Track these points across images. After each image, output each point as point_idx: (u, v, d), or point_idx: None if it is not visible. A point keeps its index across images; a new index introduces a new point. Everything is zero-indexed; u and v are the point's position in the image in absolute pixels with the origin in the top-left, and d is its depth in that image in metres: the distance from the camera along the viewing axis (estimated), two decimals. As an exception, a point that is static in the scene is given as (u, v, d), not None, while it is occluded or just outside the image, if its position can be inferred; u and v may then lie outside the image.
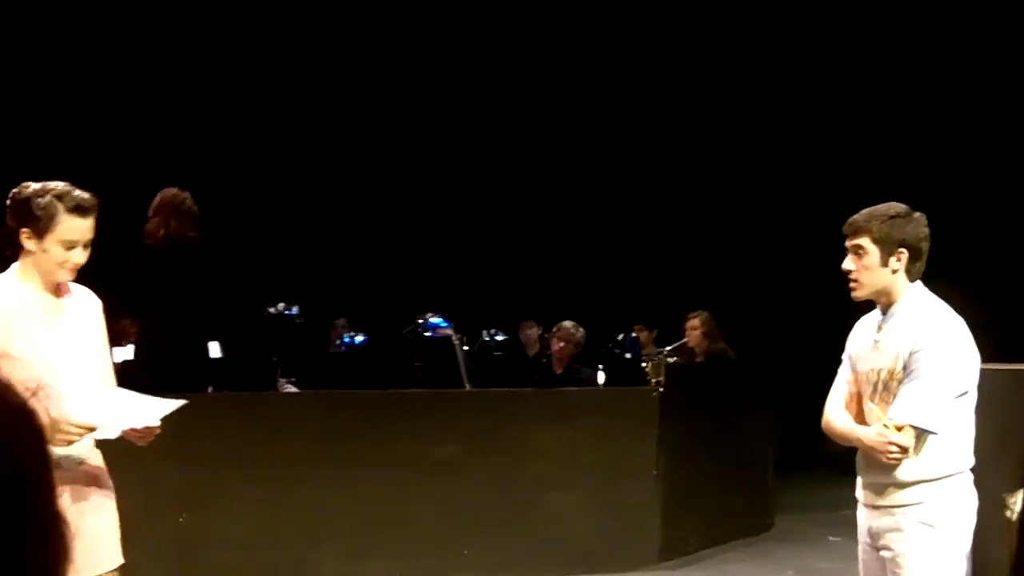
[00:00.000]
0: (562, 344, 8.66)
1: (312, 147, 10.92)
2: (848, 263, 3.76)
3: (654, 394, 7.44)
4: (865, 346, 3.85)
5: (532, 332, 10.45)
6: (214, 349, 7.41)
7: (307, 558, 6.49)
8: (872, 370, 3.77)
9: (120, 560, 3.70)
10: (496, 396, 7.65)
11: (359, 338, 9.87)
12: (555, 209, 11.78)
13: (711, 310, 9.01)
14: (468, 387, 8.27)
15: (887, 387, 3.72)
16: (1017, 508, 3.26)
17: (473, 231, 11.66)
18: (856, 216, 3.79)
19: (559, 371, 8.63)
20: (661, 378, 7.56)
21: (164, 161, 9.17)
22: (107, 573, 3.64)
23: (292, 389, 7.67)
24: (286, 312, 8.33)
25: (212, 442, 6.35)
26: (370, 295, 10.99)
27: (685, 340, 8.94)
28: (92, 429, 3.41)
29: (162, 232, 6.68)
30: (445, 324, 9.40)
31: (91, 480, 3.60)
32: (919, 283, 3.77)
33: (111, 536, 3.67)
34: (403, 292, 10.88)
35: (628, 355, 10.08)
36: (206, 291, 6.68)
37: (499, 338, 10.79)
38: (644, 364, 9.13)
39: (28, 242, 3.46)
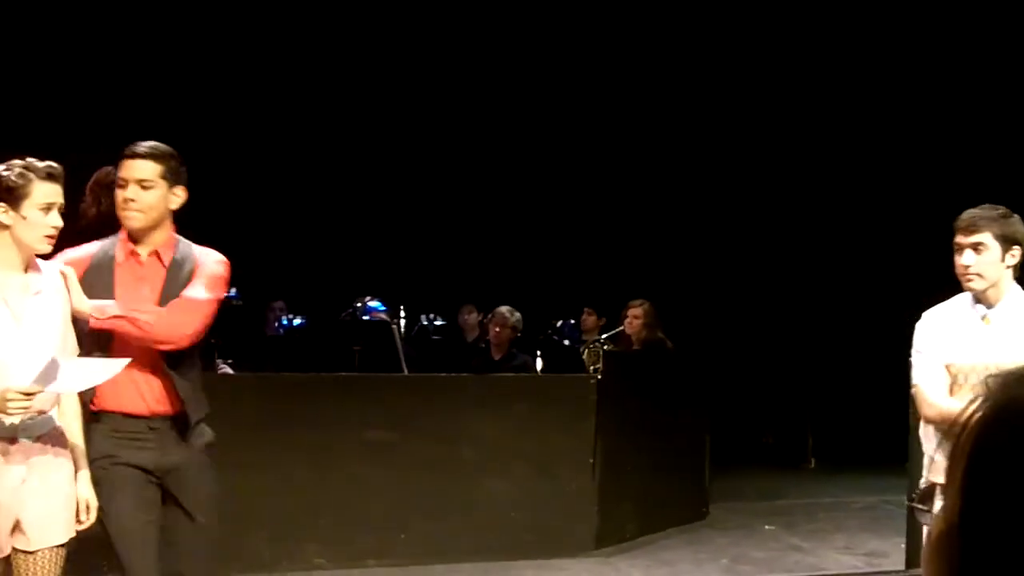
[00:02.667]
0: (498, 329, 8.66)
1: (252, 130, 10.79)
2: (968, 258, 4.03)
3: (592, 381, 7.44)
4: (967, 338, 4.06)
5: (471, 317, 10.42)
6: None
7: (243, 542, 6.41)
8: (980, 362, 3.95)
9: (69, 535, 3.77)
10: (433, 381, 7.61)
11: (297, 320, 9.79)
12: (496, 193, 11.75)
13: (649, 299, 9.04)
14: (406, 371, 8.23)
15: None
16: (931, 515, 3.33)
17: (413, 214, 11.60)
18: (973, 214, 4.05)
19: (497, 357, 8.62)
20: (599, 365, 7.57)
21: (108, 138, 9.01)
22: (53, 547, 3.71)
23: (229, 371, 7.60)
24: (226, 295, 8.22)
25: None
26: (308, 278, 10.90)
27: (622, 328, 8.96)
28: (34, 393, 3.51)
29: (94, 211, 6.58)
30: (382, 308, 9.35)
31: (46, 456, 3.70)
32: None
33: (60, 511, 3.73)
34: (341, 275, 10.80)
35: (567, 342, 10.09)
36: None
37: (438, 323, 10.76)
38: (582, 351, 9.16)
39: (4, 216, 3.60)
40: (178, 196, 4.14)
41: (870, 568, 7.09)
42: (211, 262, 4.18)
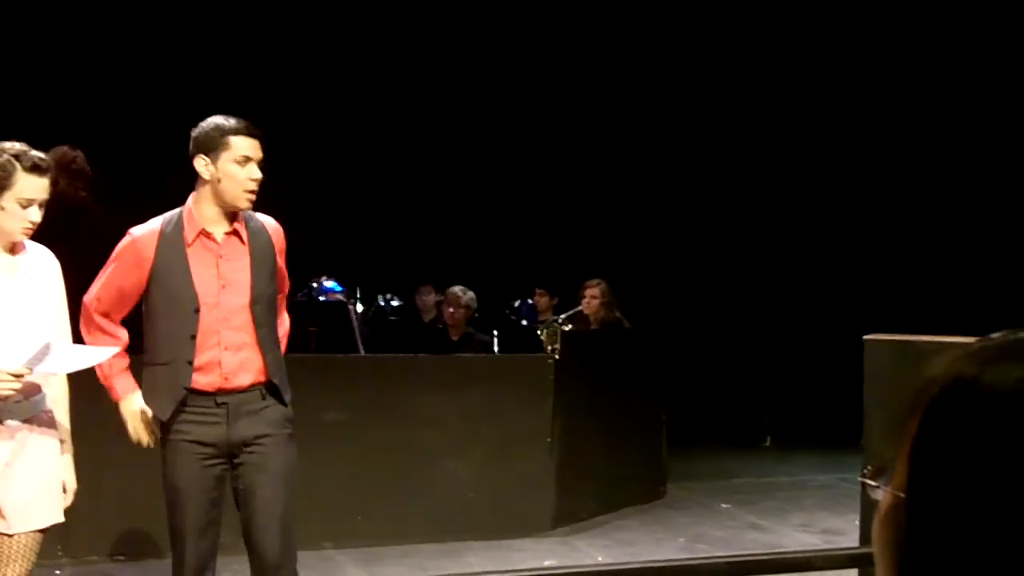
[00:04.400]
0: (451, 309, 8.63)
1: (212, 107, 10.64)
2: None
3: (549, 361, 7.43)
4: None
5: (429, 298, 10.38)
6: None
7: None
8: None
9: (54, 519, 3.73)
10: (390, 362, 7.57)
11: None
12: (454, 172, 11.70)
13: (606, 279, 9.04)
14: (363, 352, 8.19)
15: None
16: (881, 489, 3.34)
17: (370, 194, 11.53)
18: None
19: (455, 337, 8.59)
20: (557, 346, 7.56)
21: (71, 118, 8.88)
22: (32, 532, 3.67)
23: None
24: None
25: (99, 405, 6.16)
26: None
27: (580, 308, 8.95)
28: (22, 375, 3.50)
29: (51, 191, 6.50)
30: (339, 288, 9.29)
31: (31, 440, 3.66)
32: None
33: (42, 497, 3.69)
34: (298, 255, 10.69)
35: (524, 322, 10.08)
36: (99, 251, 6.49)
37: (395, 303, 10.71)
38: (539, 331, 9.15)
39: None
40: None
41: (827, 545, 7.14)
42: (281, 230, 4.28)
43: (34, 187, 3.58)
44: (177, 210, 4.13)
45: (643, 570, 2.96)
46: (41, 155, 3.62)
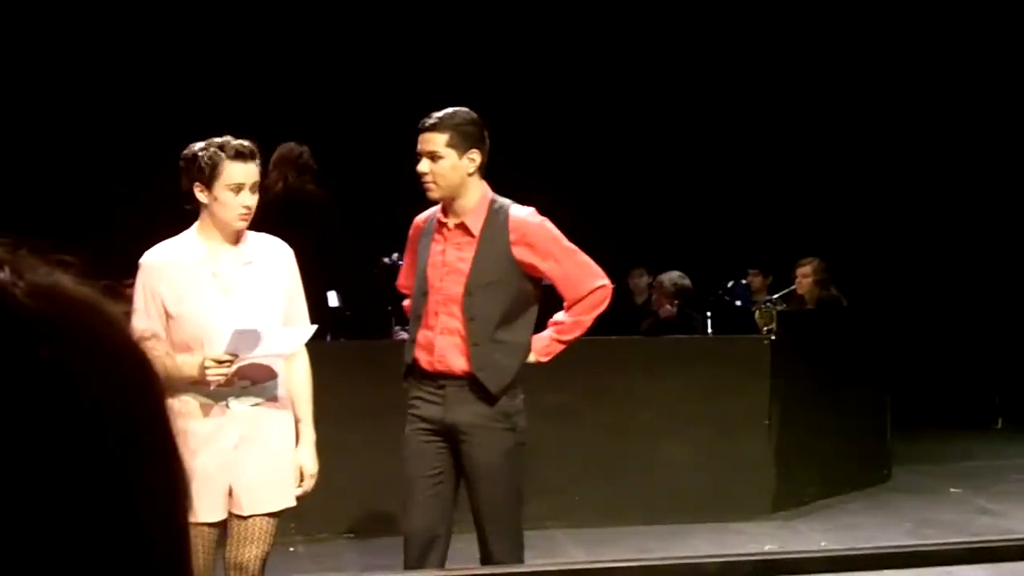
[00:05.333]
0: (656, 297, 8.60)
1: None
2: None
3: (765, 343, 7.33)
4: None
5: (641, 280, 10.36)
6: (332, 299, 7.57)
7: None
8: None
9: (286, 504, 3.84)
10: (605, 344, 7.60)
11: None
12: (666, 155, 11.62)
13: (820, 256, 8.84)
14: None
15: None
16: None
17: (583, 177, 11.53)
18: None
19: (664, 316, 8.52)
20: (773, 326, 7.44)
21: (268, 117, 9.26)
22: (265, 515, 3.78)
23: (407, 338, 7.72)
24: (399, 263, 8.39)
25: (331, 390, 6.40)
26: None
27: (794, 287, 8.79)
28: (229, 361, 3.61)
29: (281, 185, 6.82)
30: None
31: (262, 423, 3.78)
32: None
33: (275, 480, 3.80)
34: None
35: (738, 302, 9.94)
36: (324, 242, 6.78)
37: (608, 286, 10.71)
38: (754, 312, 9.01)
39: (201, 196, 3.71)
40: (474, 160, 4.15)
41: (1064, 531, 6.82)
42: (536, 225, 4.29)
43: (241, 172, 3.70)
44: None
45: (871, 555, 2.90)
46: (244, 142, 3.75)
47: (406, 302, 4.50)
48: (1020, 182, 11.25)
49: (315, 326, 3.88)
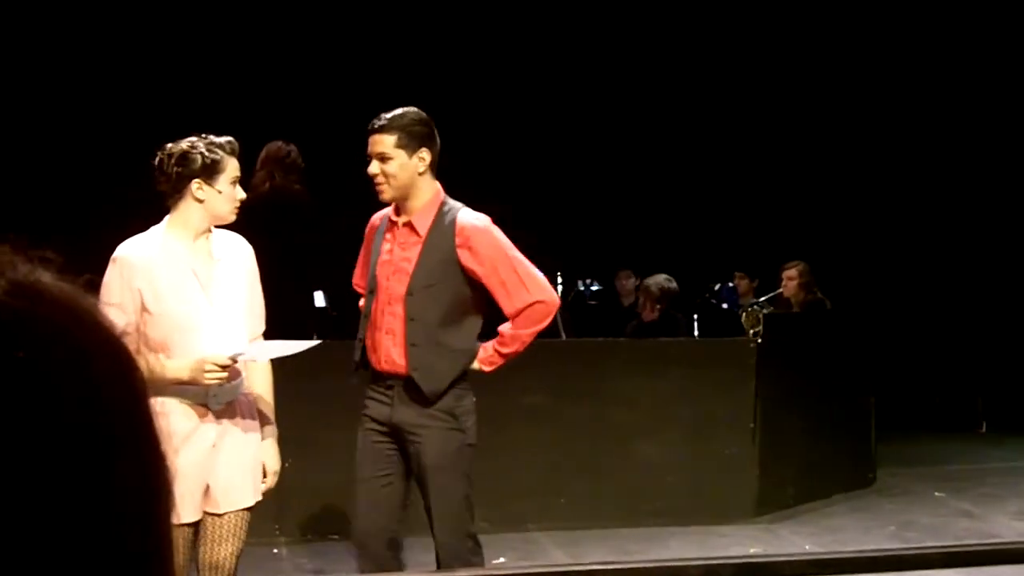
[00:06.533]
0: (643, 300, 8.60)
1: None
2: None
3: (751, 345, 7.33)
4: None
5: (628, 282, 10.38)
6: (318, 298, 7.55)
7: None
8: None
9: (256, 498, 3.90)
10: (590, 345, 7.61)
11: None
12: (653, 157, 11.62)
13: (805, 259, 8.87)
14: (563, 336, 8.25)
15: None
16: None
17: (570, 179, 11.54)
18: None
19: (648, 319, 8.52)
20: (759, 328, 7.45)
21: (274, 114, 9.24)
22: (240, 511, 3.84)
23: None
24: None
25: (315, 390, 6.39)
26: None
27: (780, 291, 8.81)
28: (232, 362, 3.68)
29: (268, 184, 6.79)
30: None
31: (235, 422, 3.83)
32: None
33: (247, 476, 3.87)
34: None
35: (724, 305, 9.97)
36: (312, 241, 6.76)
37: (595, 288, 10.75)
38: (740, 315, 9.03)
39: (199, 191, 3.72)
40: (424, 159, 4.12)
41: (1046, 535, 6.84)
42: (481, 230, 4.18)
43: (237, 167, 3.82)
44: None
45: (855, 559, 2.91)
46: (231, 139, 3.84)
47: (361, 301, 4.46)
48: (1004, 187, 11.29)
49: (317, 341, 4.03)
